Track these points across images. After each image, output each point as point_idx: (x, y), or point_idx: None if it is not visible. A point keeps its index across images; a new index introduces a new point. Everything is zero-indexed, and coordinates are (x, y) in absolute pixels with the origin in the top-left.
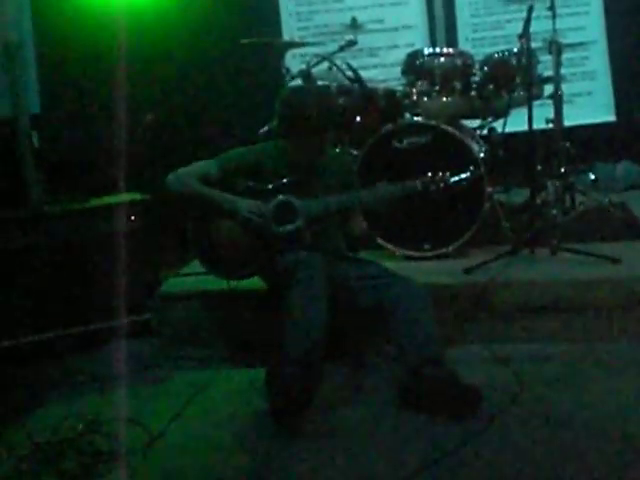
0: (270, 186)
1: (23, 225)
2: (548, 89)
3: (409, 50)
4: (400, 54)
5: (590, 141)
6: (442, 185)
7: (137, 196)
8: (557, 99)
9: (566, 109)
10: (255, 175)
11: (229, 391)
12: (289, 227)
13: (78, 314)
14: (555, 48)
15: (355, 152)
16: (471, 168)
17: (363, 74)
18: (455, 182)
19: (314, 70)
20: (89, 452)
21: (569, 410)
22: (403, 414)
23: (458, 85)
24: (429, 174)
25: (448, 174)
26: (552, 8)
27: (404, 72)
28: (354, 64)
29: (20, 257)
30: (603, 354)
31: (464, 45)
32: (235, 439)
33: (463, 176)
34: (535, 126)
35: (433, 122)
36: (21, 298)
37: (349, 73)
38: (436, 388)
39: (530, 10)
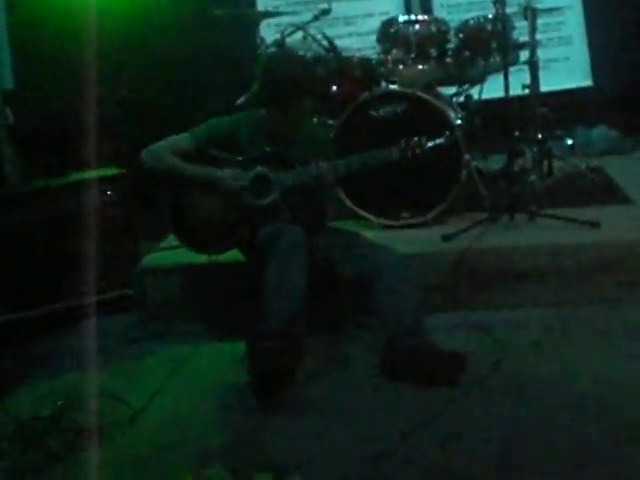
0: (244, 157)
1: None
2: (524, 55)
3: (384, 18)
4: (375, 22)
5: (567, 106)
6: (419, 151)
7: (114, 170)
8: (533, 65)
9: (542, 75)
10: (230, 146)
11: (211, 365)
12: (266, 200)
13: (58, 291)
14: (530, 13)
15: (332, 122)
16: (447, 133)
17: (338, 43)
18: (431, 147)
19: (289, 40)
20: (72, 429)
21: (550, 375)
22: (385, 384)
23: (433, 52)
24: (405, 140)
25: (424, 139)
26: None
27: (379, 40)
28: (329, 33)
29: None
30: (583, 318)
31: (439, 12)
32: (217, 413)
33: (439, 141)
34: (511, 92)
35: (409, 90)
36: (0, 276)
37: (324, 42)
38: (418, 358)
39: None
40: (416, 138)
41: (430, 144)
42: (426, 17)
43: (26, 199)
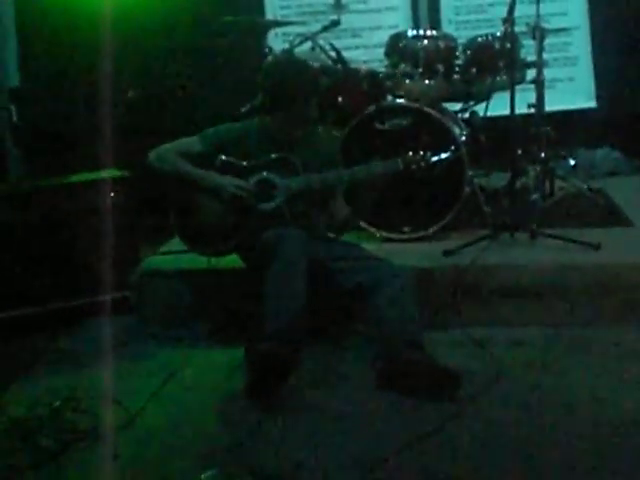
0: (251, 163)
1: (1, 201)
2: (530, 74)
3: (392, 31)
4: (383, 35)
5: (570, 127)
6: (423, 164)
7: (117, 173)
8: (539, 84)
9: (547, 94)
10: (238, 152)
11: (208, 369)
12: (270, 204)
13: (57, 291)
14: (538, 33)
15: (337, 132)
16: (452, 148)
17: (346, 55)
18: (436, 161)
19: (297, 50)
20: (66, 429)
21: (546, 393)
22: (381, 396)
23: (441, 68)
24: (410, 153)
25: (429, 153)
26: None
27: (387, 54)
28: (337, 44)
29: None
30: (581, 338)
31: (447, 27)
32: (213, 418)
33: (444, 156)
34: (517, 111)
35: (415, 104)
36: (0, 274)
37: (332, 54)
38: (415, 371)
39: None
40: (421, 152)
41: (435, 158)
42: (435, 32)
43: (27, 198)
